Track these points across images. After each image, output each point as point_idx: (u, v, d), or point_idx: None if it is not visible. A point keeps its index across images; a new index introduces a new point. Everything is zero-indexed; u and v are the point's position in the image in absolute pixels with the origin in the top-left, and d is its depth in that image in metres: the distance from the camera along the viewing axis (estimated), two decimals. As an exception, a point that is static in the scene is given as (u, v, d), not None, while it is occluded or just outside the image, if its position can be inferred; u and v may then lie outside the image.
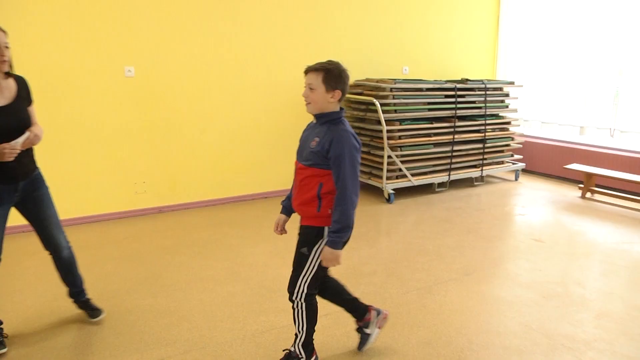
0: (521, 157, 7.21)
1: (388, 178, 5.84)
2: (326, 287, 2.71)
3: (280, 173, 5.98)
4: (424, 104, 6.07)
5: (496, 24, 7.66)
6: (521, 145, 7.20)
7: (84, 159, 4.84)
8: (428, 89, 6.10)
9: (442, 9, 6.97)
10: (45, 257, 3.98)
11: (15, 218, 4.65)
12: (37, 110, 2.68)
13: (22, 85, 2.70)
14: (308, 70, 2.37)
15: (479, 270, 3.95)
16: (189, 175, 5.42)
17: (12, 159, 2.51)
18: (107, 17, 4.74)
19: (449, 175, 6.32)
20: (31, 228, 2.86)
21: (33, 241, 4.30)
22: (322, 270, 2.50)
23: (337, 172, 2.30)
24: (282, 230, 2.69)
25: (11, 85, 2.64)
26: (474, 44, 7.48)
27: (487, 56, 7.71)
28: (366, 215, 5.36)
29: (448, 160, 6.31)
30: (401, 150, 5.85)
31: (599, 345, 2.91)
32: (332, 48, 6.09)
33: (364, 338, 2.81)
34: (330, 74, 2.33)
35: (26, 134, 2.58)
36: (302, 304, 2.51)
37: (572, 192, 6.37)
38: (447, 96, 6.23)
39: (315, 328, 2.62)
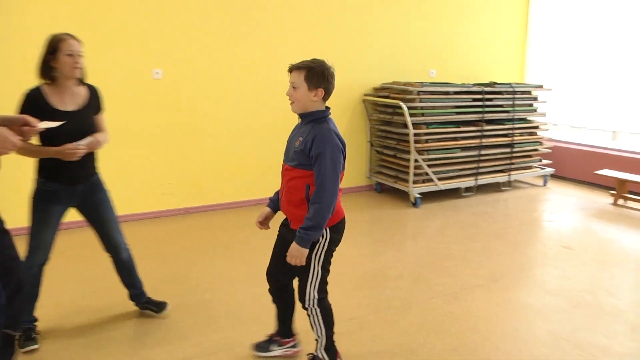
0: (550, 162, 7.09)
1: (414, 182, 5.79)
2: (287, 292, 2.70)
3: None
4: (451, 107, 6.02)
5: (525, 26, 7.55)
6: (550, 150, 7.07)
7: (110, 160, 4.91)
8: (455, 93, 6.05)
9: (470, 11, 6.90)
10: (73, 256, 4.07)
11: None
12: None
13: (93, 94, 2.87)
14: (292, 69, 2.33)
15: (506, 277, 3.89)
16: (215, 176, 5.46)
17: (75, 158, 2.64)
18: (136, 20, 4.81)
19: (476, 179, 6.25)
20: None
21: (60, 240, 4.39)
22: (326, 272, 2.48)
23: (318, 170, 2.26)
24: (264, 225, 2.65)
25: (83, 92, 2.81)
26: (503, 47, 7.39)
27: (516, 59, 7.61)
28: (392, 219, 5.33)
29: (475, 165, 6.24)
30: (428, 154, 5.81)
31: (636, 359, 2.83)
32: (359, 51, 6.08)
33: (267, 348, 2.76)
34: (313, 72, 2.28)
35: (89, 138, 2.73)
36: (316, 309, 2.50)
37: (603, 199, 6.23)
38: (474, 100, 6.17)
39: (341, 332, 2.61)
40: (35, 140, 2.69)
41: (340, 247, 4.45)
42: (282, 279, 2.64)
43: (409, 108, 5.62)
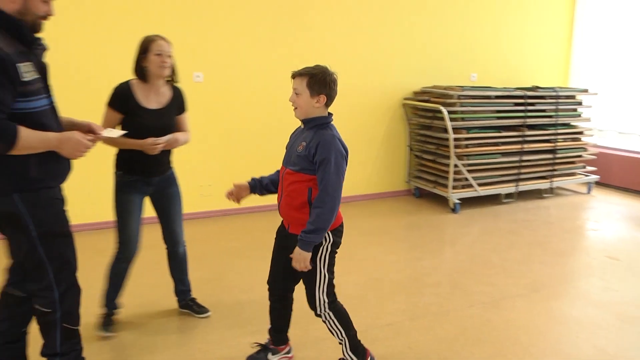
0: (595, 169, 6.87)
1: (454, 187, 5.71)
2: (288, 300, 2.71)
3: (354, 178, 6.00)
4: (492, 112, 5.91)
5: (570, 28, 7.35)
6: (595, 157, 6.86)
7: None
8: (496, 97, 5.94)
9: (513, 13, 6.75)
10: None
11: (88, 216, 4.85)
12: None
13: (177, 95, 3.05)
14: (294, 75, 2.37)
15: (548, 287, 3.79)
16: (253, 179, 5.49)
17: (155, 152, 2.82)
18: (177, 23, 4.89)
19: (517, 186, 6.11)
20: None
21: (99, 239, 4.51)
22: (332, 274, 2.49)
23: (321, 176, 2.30)
24: (234, 197, 2.63)
25: (167, 92, 2.99)
26: (546, 50, 7.20)
27: (560, 62, 7.41)
28: (430, 224, 5.27)
29: (516, 171, 6.10)
30: (468, 159, 5.72)
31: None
32: (399, 54, 6.03)
33: (264, 358, 2.73)
34: (315, 79, 2.32)
35: (169, 136, 2.89)
36: (328, 313, 2.51)
37: (651, 208, 6.01)
38: (516, 104, 6.04)
39: (377, 337, 2.58)
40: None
41: (377, 252, 4.45)
42: (284, 286, 2.66)
43: (449, 112, 5.55)
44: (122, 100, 2.84)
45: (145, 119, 2.85)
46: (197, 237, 4.71)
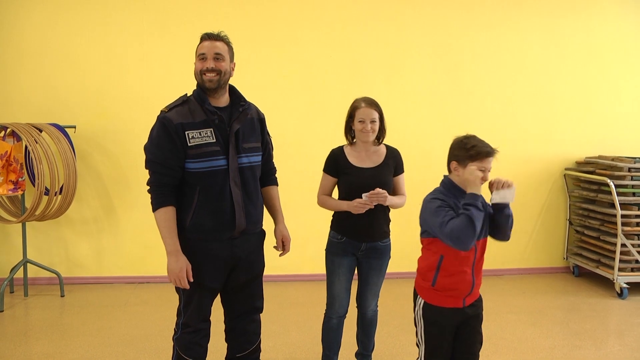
0: None
1: (621, 269, 5.14)
2: None
3: (507, 251, 5.69)
4: (671, 188, 5.30)
5: None
6: None
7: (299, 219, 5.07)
8: (677, 171, 5.33)
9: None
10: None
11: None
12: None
13: (391, 155, 3.02)
14: (490, 155, 2.37)
15: None
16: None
17: (360, 211, 2.81)
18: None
19: (700, 273, 5.34)
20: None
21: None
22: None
23: None
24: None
25: (381, 152, 3.01)
26: None
27: None
28: (592, 309, 4.76)
29: (699, 256, 5.35)
30: (639, 240, 5.15)
31: None
32: (562, 119, 5.73)
33: None
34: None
35: (371, 192, 2.79)
36: None
37: None
38: None
39: None
40: (335, 195, 3.03)
41: (530, 334, 4.15)
42: None
43: (617, 186, 5.08)
44: (334, 163, 2.96)
45: (358, 177, 2.88)
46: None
